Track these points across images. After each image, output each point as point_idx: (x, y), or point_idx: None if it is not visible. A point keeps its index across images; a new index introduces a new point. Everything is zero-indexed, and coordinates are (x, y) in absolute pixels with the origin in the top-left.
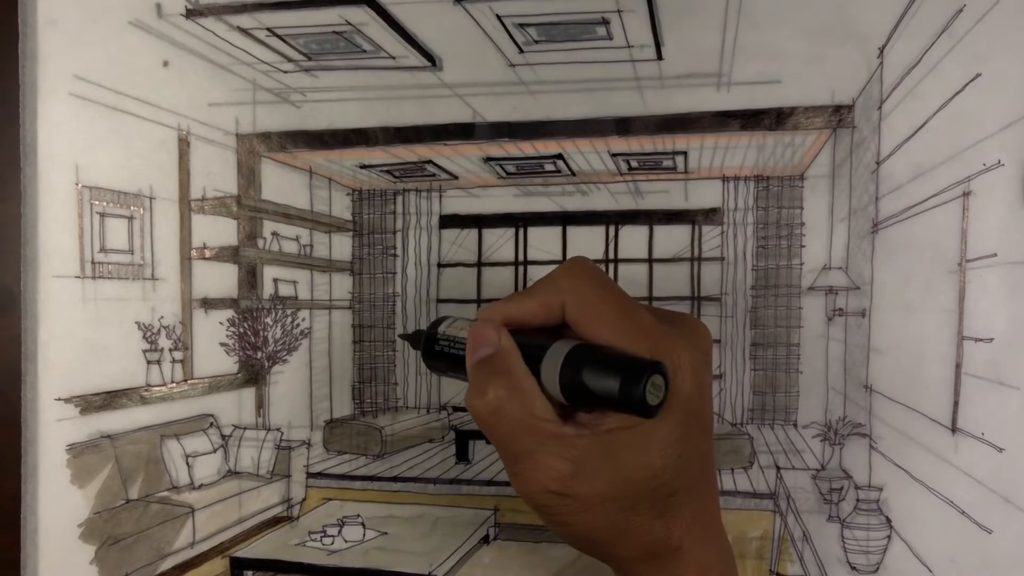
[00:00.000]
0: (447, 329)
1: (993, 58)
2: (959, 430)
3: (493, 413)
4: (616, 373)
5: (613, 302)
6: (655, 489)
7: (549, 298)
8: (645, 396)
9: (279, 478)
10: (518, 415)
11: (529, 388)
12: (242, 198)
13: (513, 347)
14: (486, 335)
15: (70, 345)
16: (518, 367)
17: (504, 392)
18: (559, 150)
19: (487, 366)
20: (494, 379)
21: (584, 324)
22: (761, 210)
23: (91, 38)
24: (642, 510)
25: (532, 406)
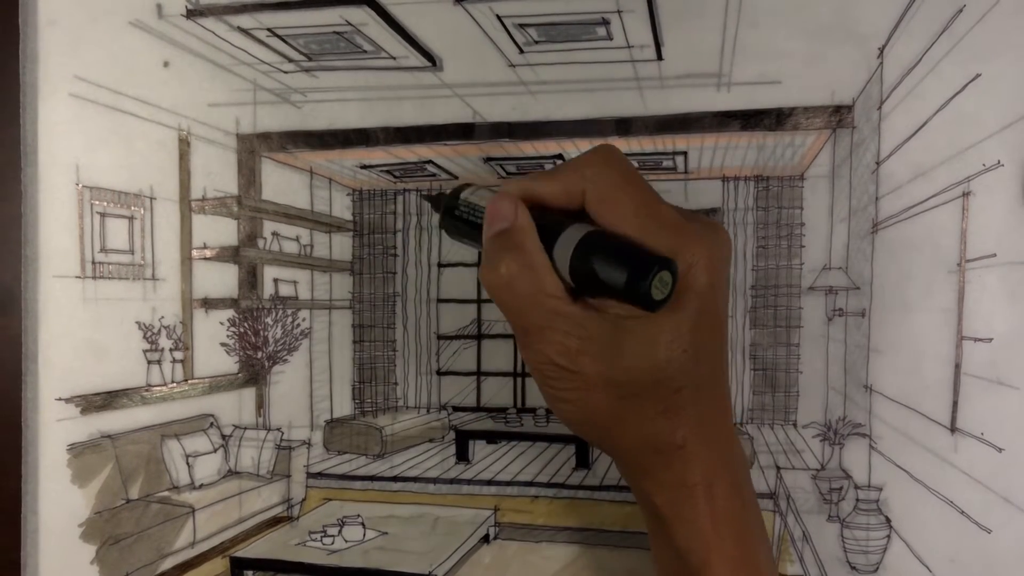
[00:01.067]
0: (469, 196)
1: (993, 58)
2: (959, 430)
3: (504, 287)
4: (625, 263)
5: (635, 194)
6: (658, 382)
7: (570, 183)
8: (650, 290)
9: (279, 478)
10: (528, 290)
11: (541, 265)
12: (242, 198)
13: (529, 224)
14: (504, 209)
15: (70, 345)
16: (531, 244)
17: (516, 267)
18: (559, 150)
19: (502, 240)
20: (507, 254)
21: (603, 214)
22: (761, 210)
23: (91, 38)
24: (644, 402)
25: (543, 282)
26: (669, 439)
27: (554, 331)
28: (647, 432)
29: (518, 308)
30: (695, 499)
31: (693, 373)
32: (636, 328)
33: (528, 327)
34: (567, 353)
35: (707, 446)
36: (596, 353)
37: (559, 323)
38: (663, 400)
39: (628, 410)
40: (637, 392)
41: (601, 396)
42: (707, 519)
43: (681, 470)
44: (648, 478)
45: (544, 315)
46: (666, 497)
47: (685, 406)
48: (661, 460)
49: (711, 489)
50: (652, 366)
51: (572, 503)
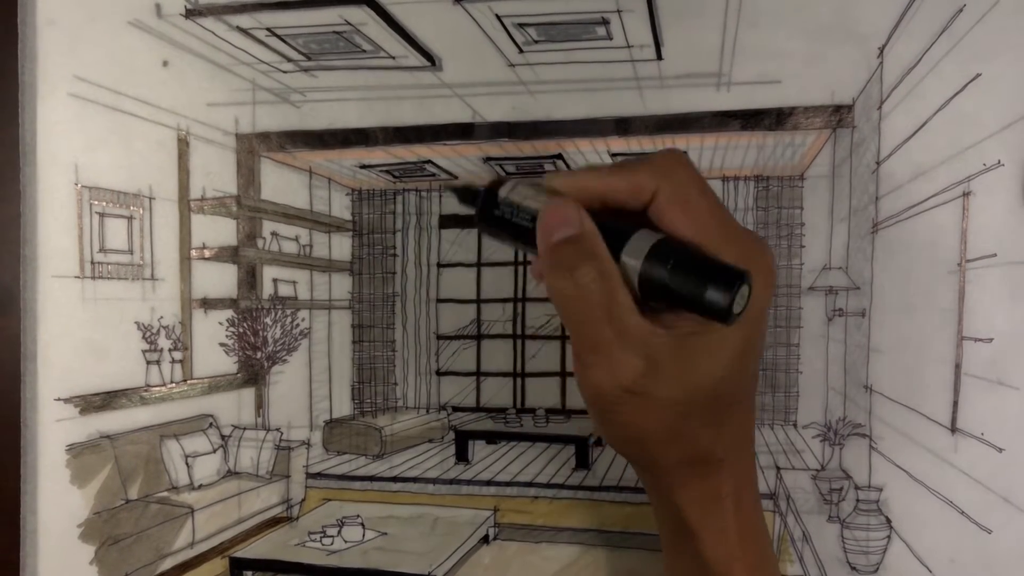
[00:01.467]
0: (510, 195)
1: (993, 58)
2: (959, 430)
3: (578, 297)
4: (707, 276)
5: (711, 200)
6: (718, 397)
7: (642, 179)
8: (733, 304)
9: (279, 478)
10: (603, 301)
11: (615, 275)
12: (242, 198)
13: (595, 230)
14: (567, 215)
15: (70, 345)
16: (603, 251)
17: (594, 275)
18: (559, 150)
19: (572, 247)
20: (581, 262)
21: (675, 215)
22: (761, 210)
23: (91, 38)
24: (700, 417)
25: (617, 293)
26: (712, 453)
27: (623, 348)
28: (694, 447)
29: (591, 319)
30: (725, 510)
31: (743, 385)
32: (702, 344)
33: (597, 342)
34: (634, 375)
35: (740, 458)
36: (662, 374)
37: (628, 339)
38: (716, 415)
39: (684, 426)
40: (694, 409)
41: (660, 415)
42: (734, 530)
43: (716, 482)
44: (683, 490)
45: (614, 330)
46: (698, 509)
47: (731, 419)
48: (699, 472)
49: (739, 500)
50: (717, 381)
51: (572, 503)
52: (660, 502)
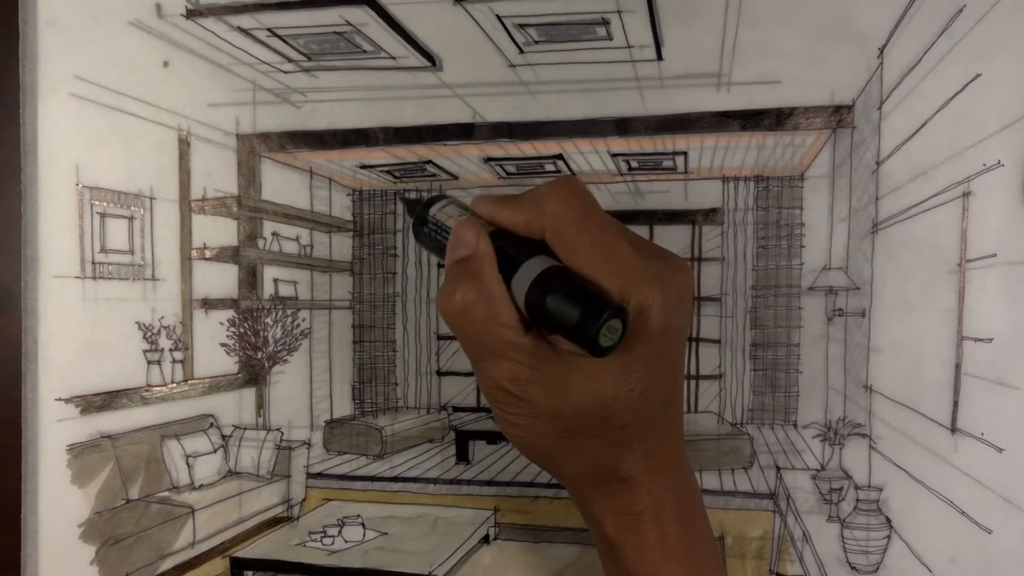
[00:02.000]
0: (438, 213)
1: (993, 58)
2: (959, 430)
3: (459, 314)
4: (577, 306)
5: (592, 233)
6: (605, 419)
7: (532, 217)
8: (598, 337)
9: (279, 478)
10: (482, 319)
11: (497, 295)
12: (242, 198)
13: (489, 252)
14: (466, 236)
15: (70, 345)
16: (489, 273)
17: (472, 296)
18: (559, 150)
19: (461, 267)
20: (464, 281)
21: (560, 251)
22: (761, 210)
23: (91, 38)
24: (590, 435)
25: (498, 313)
26: (615, 471)
27: (505, 359)
28: (593, 464)
29: (471, 335)
30: (641, 526)
31: (640, 411)
32: (584, 365)
33: (480, 353)
34: (516, 381)
35: (653, 478)
36: (545, 385)
37: (511, 352)
38: (609, 435)
39: (575, 442)
40: (583, 426)
41: (548, 426)
42: (654, 545)
43: (627, 500)
44: (595, 504)
45: (497, 344)
46: (613, 523)
47: (631, 441)
48: (607, 490)
49: (659, 517)
50: (599, 404)
51: (572, 504)
52: (583, 513)
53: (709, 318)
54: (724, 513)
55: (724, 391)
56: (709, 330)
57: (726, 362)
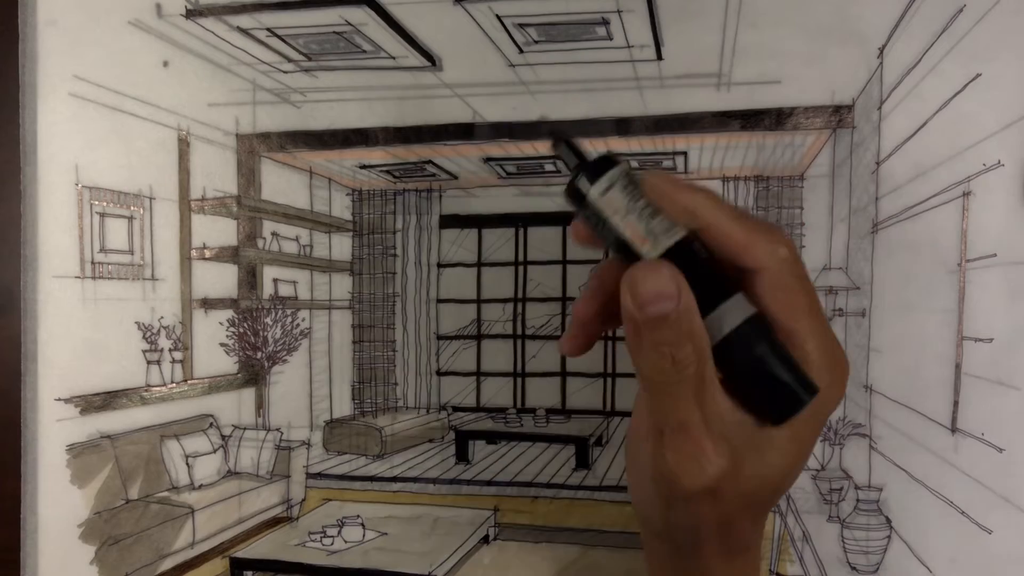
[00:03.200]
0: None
1: (993, 58)
2: (959, 430)
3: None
4: (788, 372)
5: (812, 292)
6: (777, 491)
7: (759, 240)
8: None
9: (279, 478)
10: (696, 381)
11: (709, 353)
12: (242, 198)
13: (693, 304)
14: (664, 288)
15: (70, 345)
16: (702, 330)
17: (692, 356)
18: None
19: (671, 326)
20: (684, 341)
21: (777, 296)
22: (761, 210)
23: (91, 38)
24: (756, 510)
25: (708, 371)
26: (748, 542)
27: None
28: (739, 539)
29: (682, 398)
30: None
31: (792, 482)
32: (779, 441)
33: (686, 424)
34: (720, 473)
35: (758, 547)
36: (741, 471)
37: (715, 427)
38: (767, 508)
39: (737, 520)
40: (755, 503)
41: (723, 510)
42: None
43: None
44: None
45: (704, 412)
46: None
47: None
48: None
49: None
50: (781, 478)
51: (572, 503)
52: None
53: None
54: None
55: None
56: None
57: None
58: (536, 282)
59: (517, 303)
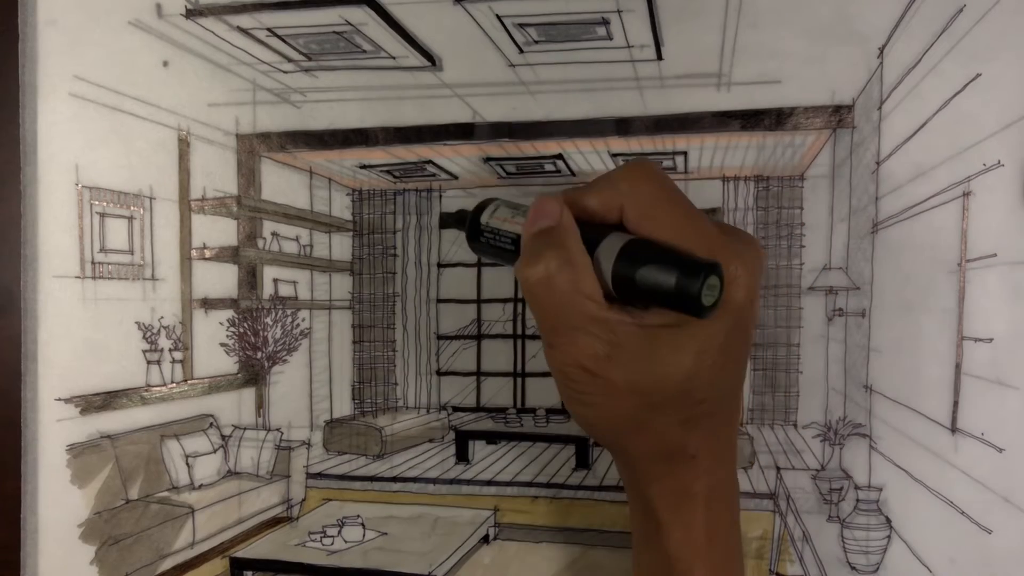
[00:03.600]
0: (490, 219)
1: (993, 58)
2: (959, 430)
3: (542, 283)
4: (673, 268)
5: (674, 209)
6: (685, 392)
7: (608, 199)
8: (700, 294)
9: (279, 478)
10: (566, 288)
11: (582, 265)
12: (242, 198)
13: (573, 225)
14: (549, 208)
15: (70, 345)
16: (574, 243)
17: (556, 264)
18: (559, 150)
19: (544, 237)
20: (549, 250)
21: (644, 228)
22: (761, 210)
23: (91, 38)
24: (667, 411)
25: (582, 283)
26: (683, 449)
27: (585, 334)
28: (663, 441)
29: (553, 306)
30: (695, 508)
31: (718, 386)
32: (668, 338)
33: (559, 327)
34: (595, 358)
35: (716, 459)
36: (625, 361)
37: (592, 327)
38: (685, 410)
39: (649, 418)
40: (661, 401)
41: (624, 403)
42: (702, 529)
43: (689, 479)
44: (654, 483)
45: (578, 316)
46: (668, 503)
47: (703, 418)
48: (671, 468)
49: (711, 501)
50: (681, 376)
51: (572, 503)
52: (634, 493)
53: None
54: None
55: None
56: None
57: None
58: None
59: (517, 303)
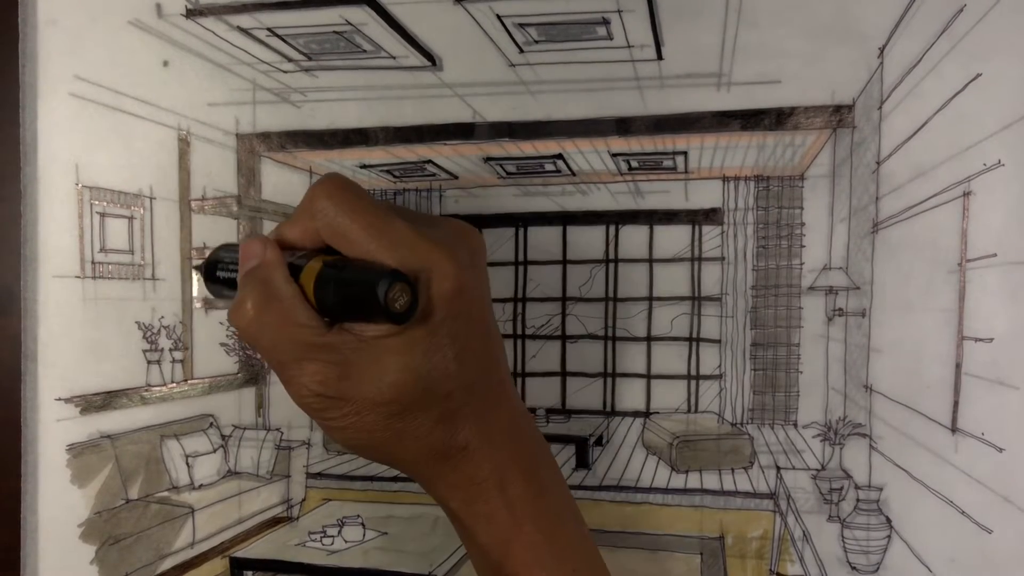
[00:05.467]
0: (219, 271)
1: (993, 58)
2: (959, 430)
3: (251, 322)
4: (359, 284)
5: (361, 219)
6: (426, 391)
7: (305, 224)
8: (386, 303)
9: (279, 478)
10: (277, 323)
11: (288, 296)
12: (242, 198)
13: (277, 259)
14: (253, 248)
15: (70, 345)
16: (278, 277)
17: (261, 300)
18: (559, 150)
19: (249, 276)
20: (253, 289)
21: (338, 246)
22: (761, 210)
23: (91, 38)
24: (418, 413)
25: (292, 314)
26: (451, 443)
27: (311, 361)
28: (428, 442)
29: (269, 343)
30: (487, 493)
31: (460, 376)
32: (392, 344)
33: (284, 361)
34: (327, 381)
35: (491, 441)
36: (357, 376)
37: (314, 353)
38: (435, 408)
39: (404, 425)
40: (407, 406)
41: (372, 417)
42: (502, 509)
43: (469, 469)
44: (440, 483)
45: (299, 347)
46: (460, 497)
47: (460, 408)
48: (448, 464)
49: (503, 483)
50: (416, 376)
51: None
52: (432, 497)
53: (709, 318)
54: (724, 513)
55: (724, 391)
56: (709, 330)
57: (726, 362)
58: (536, 282)
59: (517, 303)
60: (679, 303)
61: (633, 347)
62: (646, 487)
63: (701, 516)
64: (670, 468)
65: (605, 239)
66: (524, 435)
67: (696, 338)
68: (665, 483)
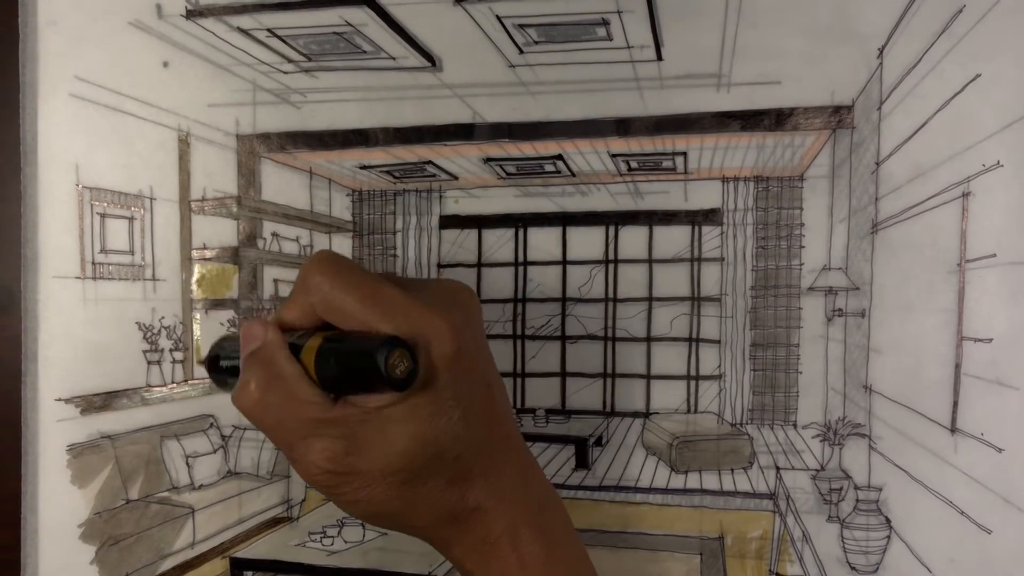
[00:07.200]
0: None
1: (993, 58)
2: (958, 430)
3: (256, 403)
4: (357, 356)
5: (354, 291)
6: (435, 456)
7: (302, 303)
8: (387, 371)
9: (279, 478)
10: (281, 401)
11: (292, 374)
12: (242, 198)
13: (278, 339)
14: (253, 331)
15: (70, 345)
16: (281, 356)
17: (265, 381)
18: (559, 151)
19: (251, 359)
20: (256, 371)
21: (335, 320)
22: (761, 210)
23: (91, 38)
24: (428, 479)
25: (296, 391)
26: (463, 505)
27: (318, 438)
28: (440, 506)
29: (275, 422)
30: (501, 551)
31: (467, 437)
32: (397, 413)
33: (291, 440)
34: (335, 458)
35: (502, 499)
36: (365, 449)
37: (320, 429)
38: (445, 472)
39: (415, 492)
40: (418, 473)
41: (383, 488)
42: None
43: (482, 530)
44: (455, 546)
45: (304, 424)
46: (475, 558)
47: (470, 469)
48: (462, 526)
49: (515, 539)
50: (423, 444)
51: (572, 503)
52: (446, 557)
53: (709, 318)
54: (724, 513)
55: (724, 391)
56: (709, 330)
57: (726, 362)
58: (536, 282)
59: (517, 303)
60: (679, 304)
61: (633, 347)
62: (646, 487)
63: (701, 516)
64: (670, 468)
65: (605, 240)
66: (533, 486)
67: (696, 338)
68: (665, 483)
